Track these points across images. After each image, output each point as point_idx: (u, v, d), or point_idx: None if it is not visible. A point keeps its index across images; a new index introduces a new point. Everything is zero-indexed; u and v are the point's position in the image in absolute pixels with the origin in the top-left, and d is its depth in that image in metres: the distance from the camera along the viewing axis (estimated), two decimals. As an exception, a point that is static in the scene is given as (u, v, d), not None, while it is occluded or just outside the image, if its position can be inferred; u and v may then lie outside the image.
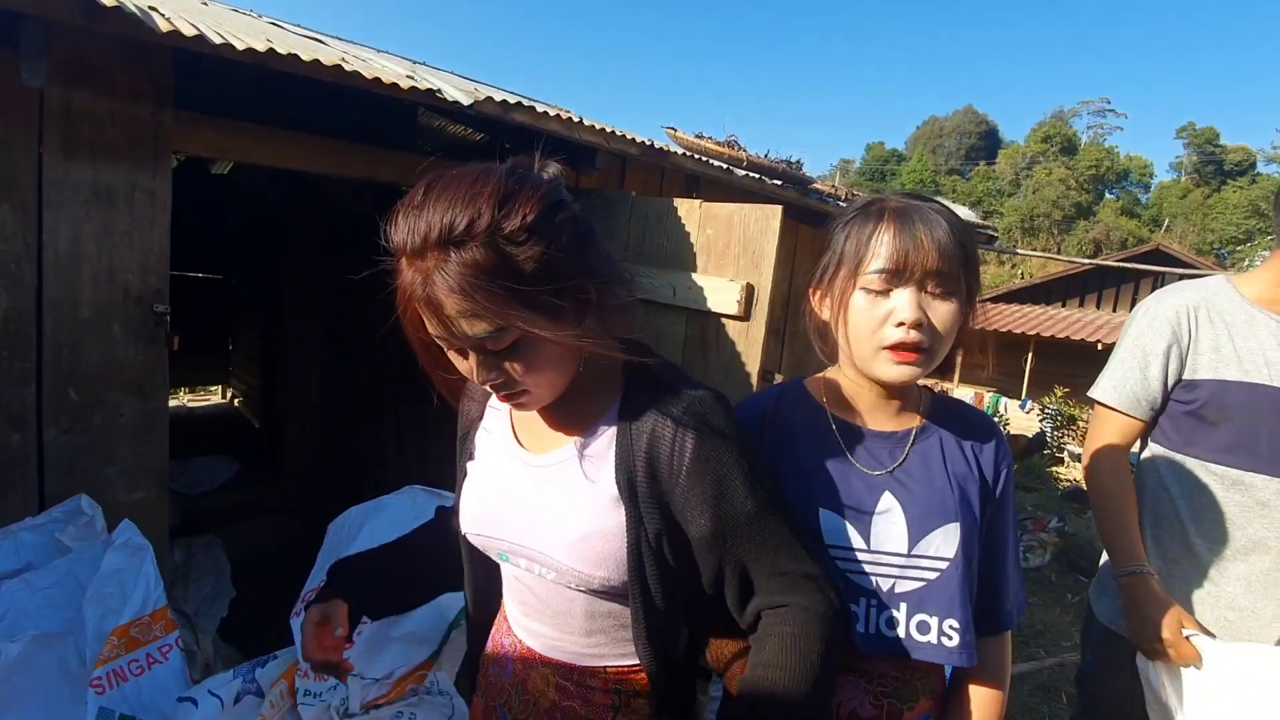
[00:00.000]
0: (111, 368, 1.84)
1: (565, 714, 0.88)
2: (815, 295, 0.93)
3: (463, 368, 0.76)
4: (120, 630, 1.40)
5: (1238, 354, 1.31)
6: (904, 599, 0.86)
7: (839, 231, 0.90)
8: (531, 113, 1.99)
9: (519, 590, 0.91)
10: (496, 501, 0.87)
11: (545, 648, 0.90)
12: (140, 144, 1.79)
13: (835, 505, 0.87)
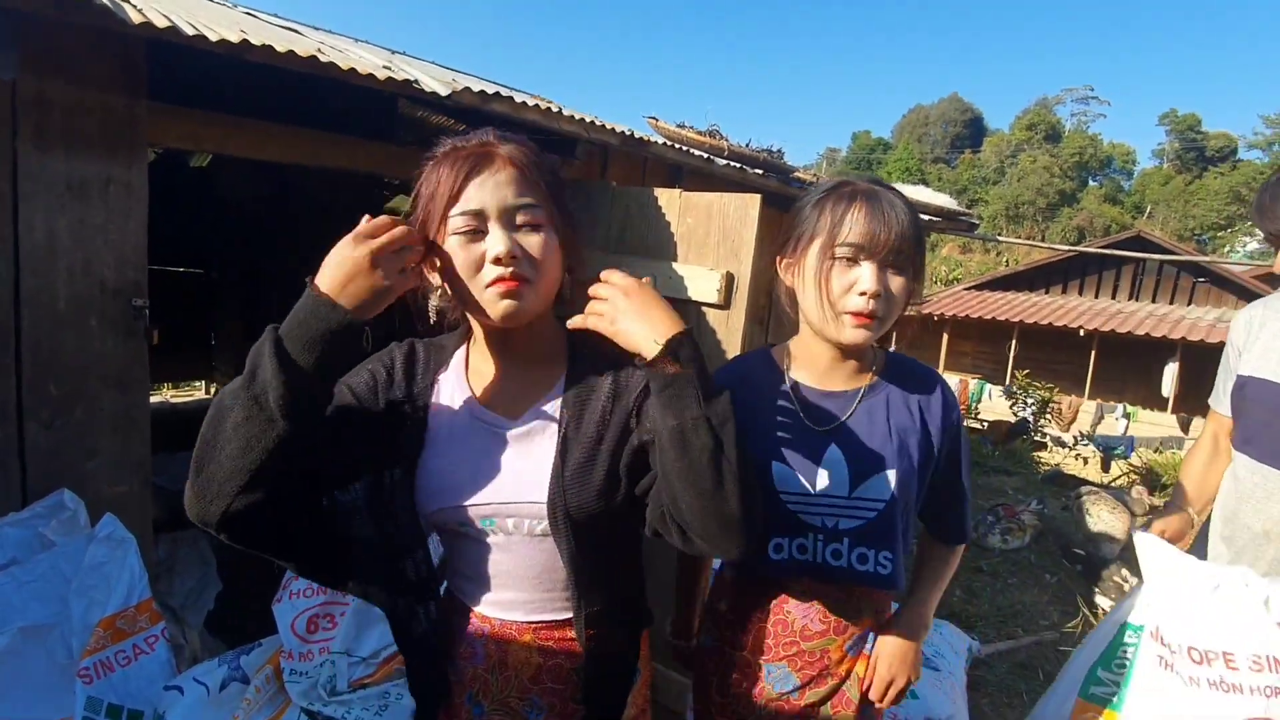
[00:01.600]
0: (91, 361, 1.84)
1: (551, 673, 0.94)
2: (783, 264, 1.04)
3: (473, 257, 0.83)
4: (106, 621, 1.41)
5: (1266, 354, 1.40)
6: (846, 535, 1.02)
7: (811, 208, 1.01)
8: (510, 103, 2.00)
9: (493, 565, 0.93)
10: (480, 468, 0.89)
11: (527, 613, 0.94)
12: (114, 135, 1.78)
13: (786, 457, 1.02)
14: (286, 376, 0.72)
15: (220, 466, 0.74)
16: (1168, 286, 14.48)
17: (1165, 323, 12.95)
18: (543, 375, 0.93)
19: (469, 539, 0.93)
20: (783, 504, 1.01)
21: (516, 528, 0.90)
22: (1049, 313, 14.25)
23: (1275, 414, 1.35)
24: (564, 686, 0.95)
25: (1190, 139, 47.39)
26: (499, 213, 0.83)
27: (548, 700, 0.95)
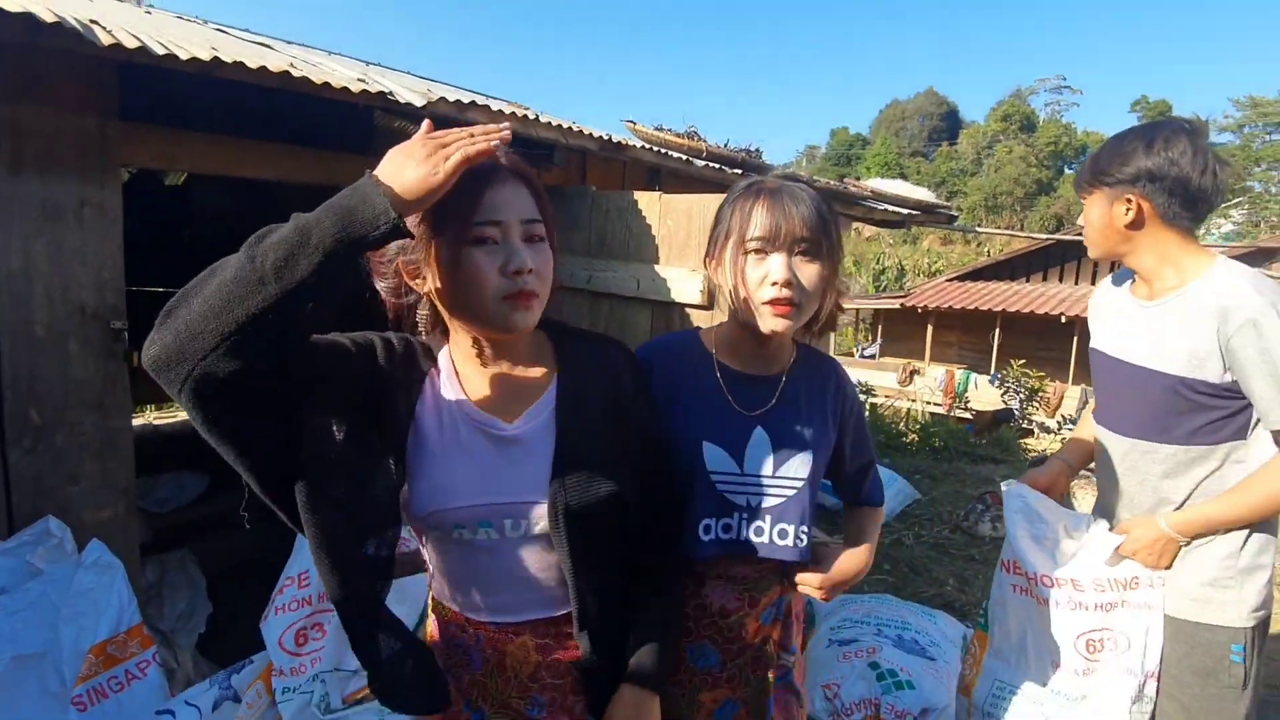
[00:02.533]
0: (71, 386, 1.82)
1: (550, 669, 0.94)
2: (710, 263, 1.10)
3: (492, 266, 0.83)
4: (97, 648, 1.40)
5: (1102, 323, 1.54)
6: (768, 512, 1.07)
7: (726, 208, 1.07)
8: (487, 111, 2.00)
9: (489, 569, 0.93)
10: (477, 470, 0.90)
11: (525, 613, 0.94)
12: (87, 157, 1.77)
13: (716, 438, 1.07)
14: (296, 242, 0.70)
15: (192, 315, 0.69)
16: (1145, 271, 14.67)
17: (1144, 306, 13.11)
18: (533, 378, 0.95)
19: (463, 544, 0.92)
20: (713, 484, 1.06)
21: (514, 529, 0.91)
22: (1030, 301, 14.41)
23: (1108, 381, 1.48)
24: (563, 681, 0.96)
25: (1161, 125, 48.05)
26: (518, 225, 0.84)
27: (548, 696, 0.95)
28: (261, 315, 0.69)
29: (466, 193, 0.80)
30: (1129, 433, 1.45)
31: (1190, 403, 1.35)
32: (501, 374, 0.93)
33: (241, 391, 0.72)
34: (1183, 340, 1.34)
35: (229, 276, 0.70)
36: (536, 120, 2.13)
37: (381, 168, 0.75)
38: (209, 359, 0.69)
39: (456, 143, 0.76)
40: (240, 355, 0.70)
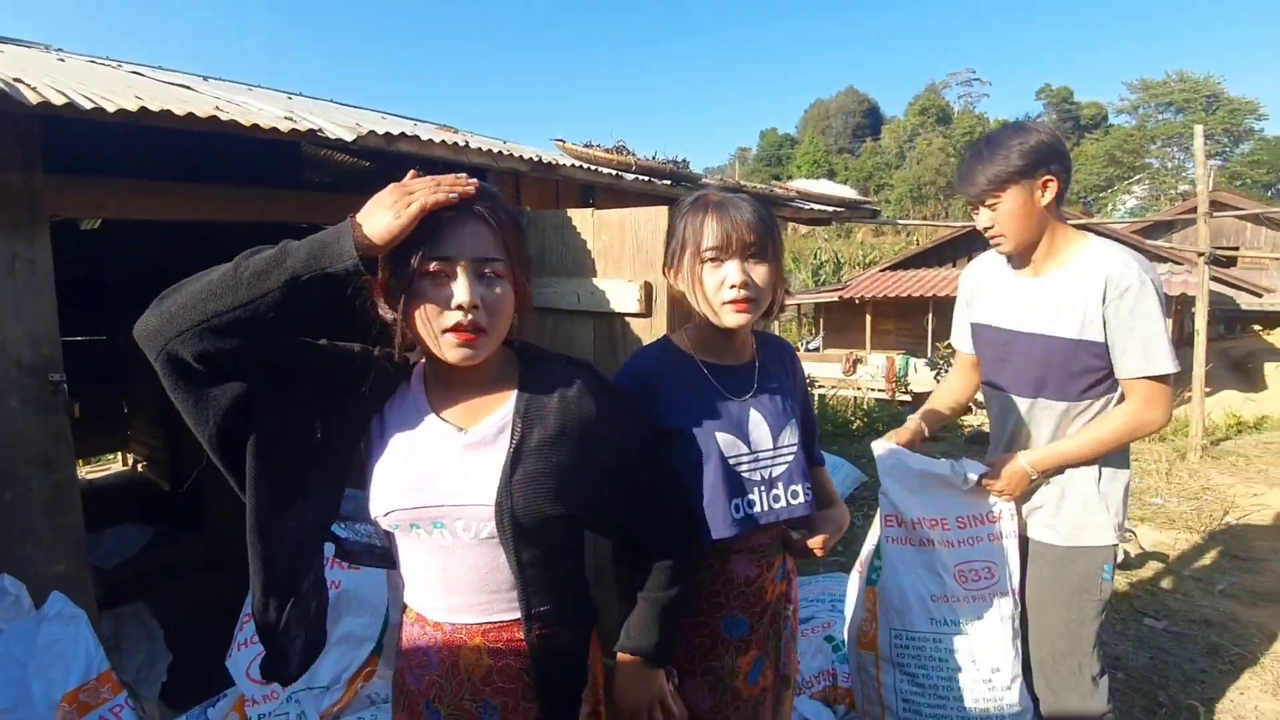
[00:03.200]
0: (16, 442, 1.81)
1: (501, 673, 1.01)
2: (670, 273, 1.24)
3: (439, 299, 0.92)
4: (69, 696, 1.41)
5: (986, 301, 1.78)
6: (779, 480, 1.24)
7: (679, 221, 1.21)
8: (416, 141, 2.07)
9: (442, 568, 0.99)
10: (433, 472, 0.97)
11: (476, 615, 1.00)
12: (14, 212, 1.76)
13: (724, 427, 1.21)
14: (273, 261, 0.83)
15: (175, 303, 0.84)
16: (1060, 248, 15.55)
17: (1061, 282, 13.90)
18: (495, 392, 1.02)
19: (420, 543, 0.99)
20: (733, 468, 1.19)
21: (465, 530, 0.97)
22: (956, 284, 15.10)
23: (1000, 350, 1.71)
24: (514, 686, 1.01)
25: (1065, 110, 51.13)
26: (469, 263, 0.92)
27: (500, 700, 1.01)
28: (228, 312, 0.82)
29: (424, 231, 0.88)
30: (1028, 393, 1.66)
31: (1083, 362, 1.57)
32: (465, 389, 1.02)
33: (202, 367, 0.86)
34: (1075, 308, 1.56)
35: (214, 278, 0.84)
36: (467, 147, 2.20)
37: (362, 212, 0.88)
38: (181, 338, 0.83)
39: (419, 191, 0.86)
40: (204, 340, 0.83)
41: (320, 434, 0.96)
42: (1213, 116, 36.92)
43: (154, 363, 0.86)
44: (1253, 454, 5.24)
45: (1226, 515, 4.14)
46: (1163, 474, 4.91)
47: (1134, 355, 1.52)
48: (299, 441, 0.95)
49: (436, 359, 0.97)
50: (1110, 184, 39.38)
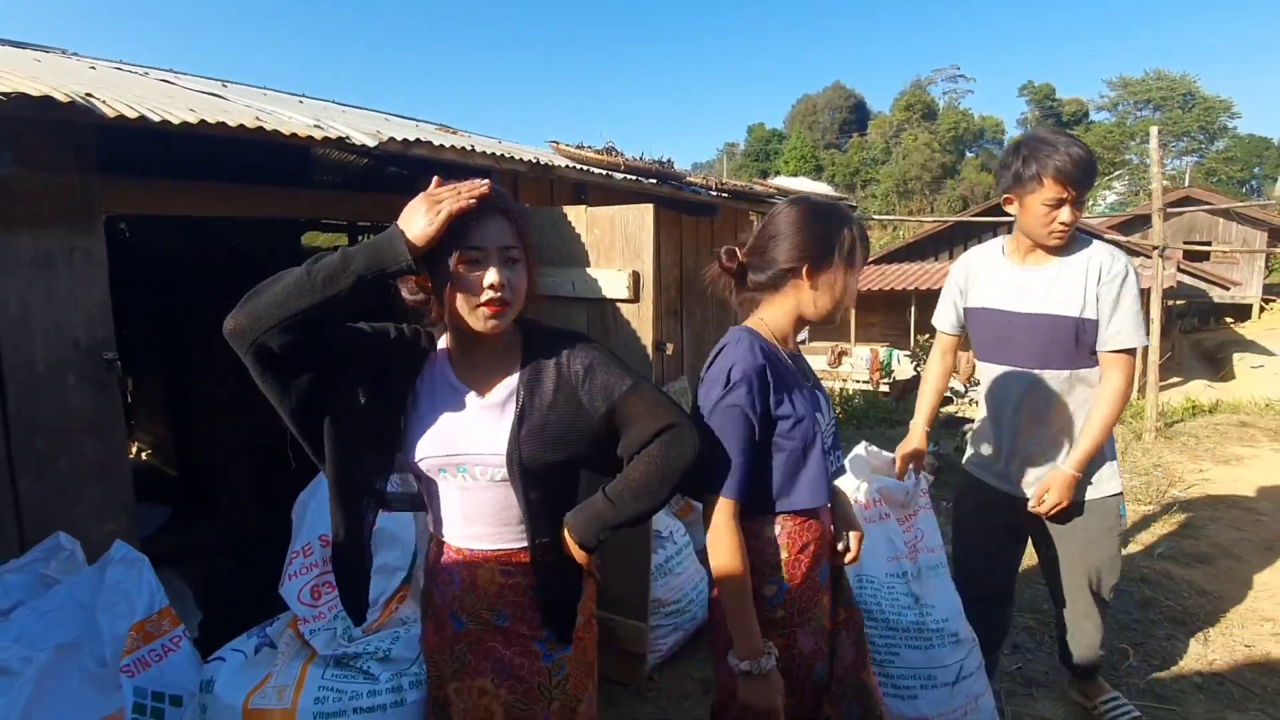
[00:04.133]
0: (71, 415, 2.02)
1: (511, 589, 1.25)
2: (820, 277, 1.40)
3: (476, 281, 1.13)
4: (136, 626, 1.64)
5: (983, 289, 2.09)
6: (835, 445, 1.47)
7: (836, 230, 1.40)
8: (429, 146, 2.30)
9: (463, 504, 1.23)
10: (457, 427, 1.21)
11: (489, 544, 1.24)
12: (73, 211, 1.97)
13: (815, 408, 1.40)
14: (339, 266, 1.05)
15: (261, 304, 1.05)
16: (1038, 243, 15.97)
17: (1039, 276, 14.31)
18: (504, 361, 1.24)
19: (446, 484, 1.23)
20: (821, 444, 1.37)
21: (481, 474, 1.21)
22: (939, 278, 15.46)
23: (1001, 330, 2.01)
24: (522, 599, 1.24)
25: (1047, 107, 51.74)
26: (496, 251, 1.14)
27: (511, 610, 1.24)
28: (308, 310, 1.04)
29: (462, 226, 1.11)
30: (1032, 365, 1.98)
31: (1080, 337, 1.91)
32: (482, 359, 1.24)
33: (286, 356, 1.07)
34: (1075, 291, 1.89)
35: (290, 282, 1.05)
36: (473, 151, 2.44)
37: (401, 219, 1.09)
38: (269, 333, 1.04)
39: (446, 200, 1.08)
40: (289, 333, 1.05)
41: (370, 404, 1.19)
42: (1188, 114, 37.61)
43: (244, 356, 1.07)
44: (1203, 435, 5.58)
45: (1171, 488, 4.46)
46: (1119, 453, 5.23)
47: (1115, 330, 1.87)
48: (358, 412, 1.19)
49: (463, 333, 1.20)
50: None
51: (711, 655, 2.69)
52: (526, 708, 1.22)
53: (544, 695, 1.23)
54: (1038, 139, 1.88)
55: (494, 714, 1.22)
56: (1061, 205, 1.84)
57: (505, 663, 1.23)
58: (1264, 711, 2.35)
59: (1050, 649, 2.73)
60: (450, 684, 1.25)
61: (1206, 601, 3.11)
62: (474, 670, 1.23)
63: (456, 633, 1.25)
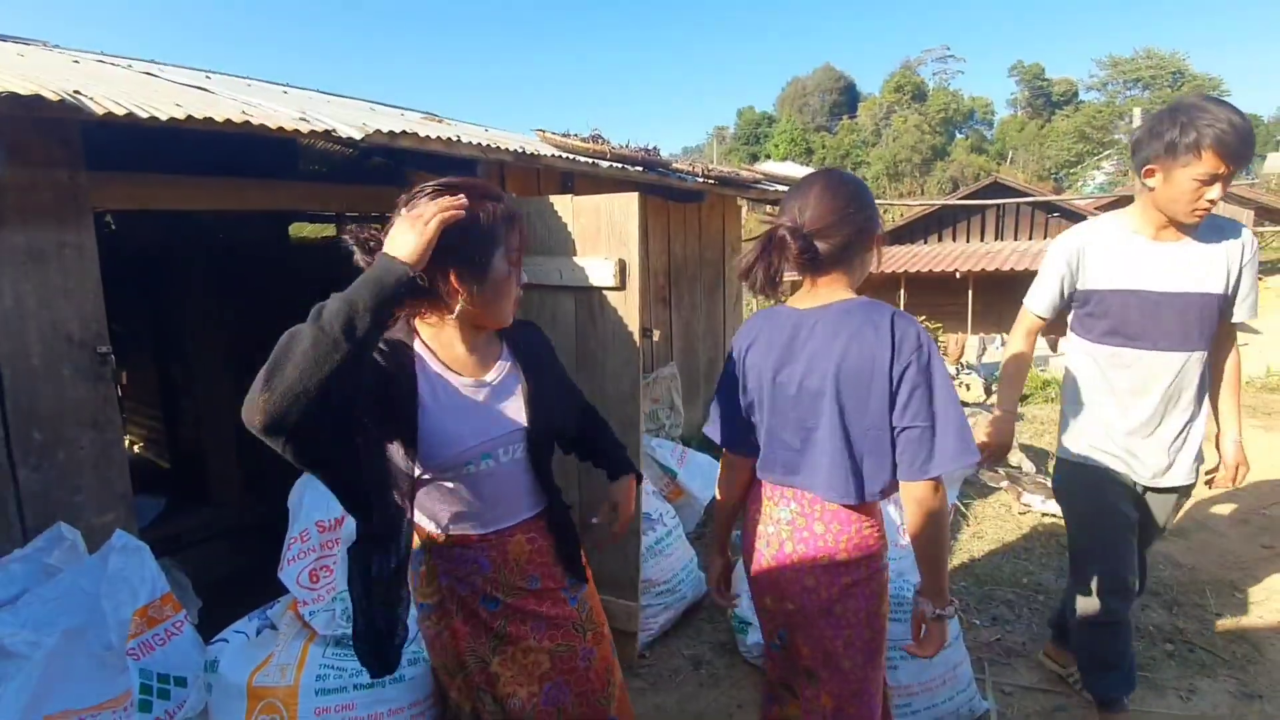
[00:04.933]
0: (67, 407, 2.06)
1: (538, 553, 1.35)
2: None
3: (510, 281, 1.25)
4: (140, 611, 1.69)
5: (1114, 269, 1.96)
6: None
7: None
8: (415, 138, 2.32)
9: (491, 489, 1.28)
10: (470, 419, 1.25)
11: (513, 519, 1.32)
12: (63, 206, 2.00)
13: None
14: (349, 312, 0.95)
15: (289, 379, 0.91)
16: (1026, 224, 16.07)
17: (1027, 256, 14.43)
18: (490, 347, 1.32)
19: (471, 477, 1.25)
20: None
21: (506, 454, 1.28)
22: (929, 260, 15.55)
23: (1146, 310, 1.89)
24: (546, 559, 1.36)
25: (1037, 87, 51.68)
26: (519, 254, 1.26)
27: (540, 571, 1.35)
28: (343, 365, 0.93)
29: (515, 235, 1.22)
30: (1177, 346, 1.89)
31: (1223, 315, 1.89)
32: (470, 348, 1.29)
33: (329, 429, 0.98)
34: (1219, 268, 1.84)
35: (307, 347, 0.93)
36: (459, 141, 2.46)
37: (387, 244, 1.05)
38: (309, 410, 0.92)
39: (427, 212, 1.07)
40: (325, 402, 0.93)
41: (389, 429, 1.16)
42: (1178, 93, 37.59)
43: (284, 448, 0.94)
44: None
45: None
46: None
47: (1246, 303, 1.91)
48: (379, 442, 1.16)
49: (468, 326, 1.25)
50: (1080, 159, 40.10)
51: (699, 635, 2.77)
52: (569, 647, 1.36)
53: (579, 631, 1.38)
54: (1197, 106, 1.68)
55: (542, 664, 1.33)
56: (1214, 182, 1.68)
57: (543, 617, 1.34)
58: (1232, 677, 2.45)
59: (1029, 620, 2.82)
60: (493, 660, 1.31)
61: (1181, 573, 3.21)
62: (516, 637, 1.31)
63: (492, 613, 1.31)
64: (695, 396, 4.86)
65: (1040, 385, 7.59)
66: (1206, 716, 2.25)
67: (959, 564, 3.33)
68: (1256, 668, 2.49)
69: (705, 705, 2.40)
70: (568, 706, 1.35)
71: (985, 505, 4.02)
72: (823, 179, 1.40)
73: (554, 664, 1.34)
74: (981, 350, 13.63)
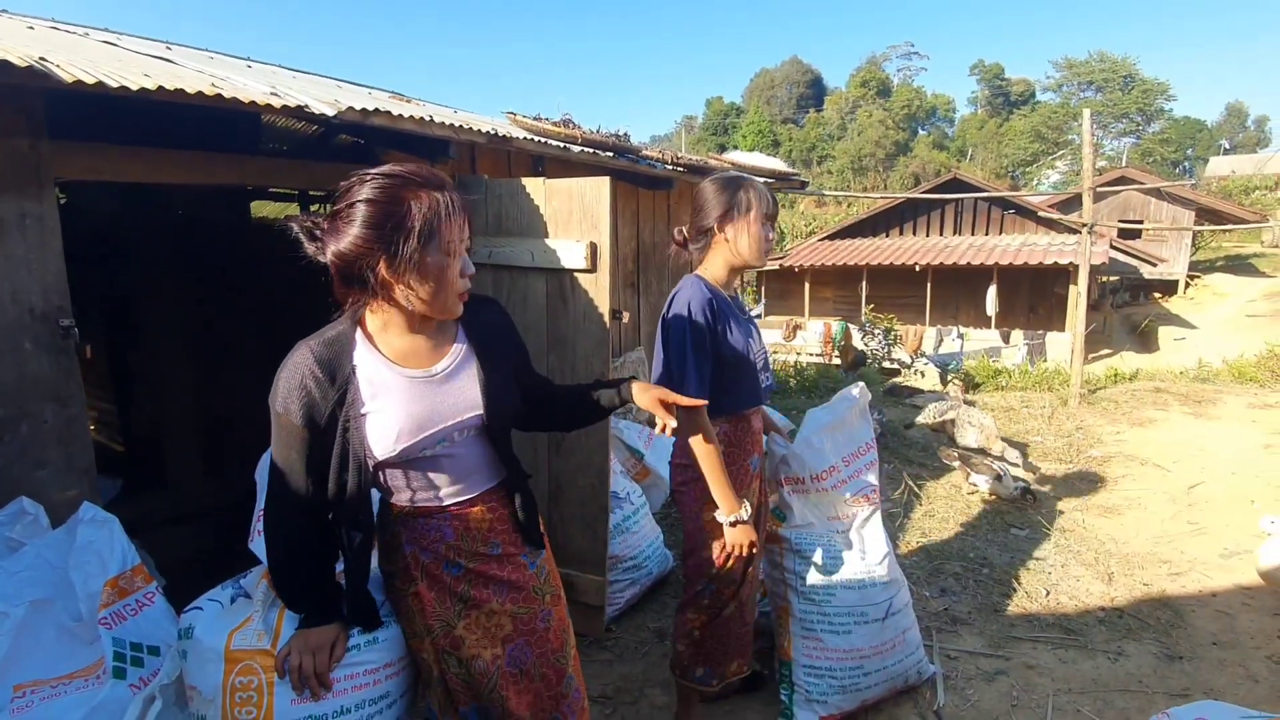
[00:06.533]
0: (29, 381, 2.03)
1: (499, 521, 1.40)
2: (729, 226, 1.87)
3: (451, 275, 1.22)
4: (110, 582, 1.69)
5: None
6: (766, 367, 1.99)
7: (740, 193, 1.87)
8: (388, 116, 2.33)
9: (448, 467, 1.33)
10: (421, 409, 1.27)
11: (474, 491, 1.37)
12: (23, 175, 1.95)
13: (750, 334, 1.93)
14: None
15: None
16: (982, 220, 16.56)
17: (983, 251, 14.88)
18: (443, 333, 1.33)
19: (430, 459, 1.30)
20: (753, 362, 1.91)
21: (459, 436, 1.32)
22: (890, 254, 15.90)
23: None
24: (506, 526, 1.41)
25: (997, 86, 52.97)
26: (462, 245, 1.24)
27: (501, 538, 1.40)
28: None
29: (459, 225, 1.21)
30: None
31: None
32: (420, 339, 1.29)
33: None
34: None
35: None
36: (432, 121, 2.47)
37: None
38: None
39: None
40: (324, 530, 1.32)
41: (345, 436, 1.25)
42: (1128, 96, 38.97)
43: None
44: (1122, 400, 6.01)
45: (1090, 448, 4.83)
46: (1045, 418, 5.61)
47: None
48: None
49: (410, 318, 1.26)
50: (1035, 159, 41.31)
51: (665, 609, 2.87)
52: (529, 609, 1.41)
53: (538, 594, 1.44)
54: None
55: (504, 627, 1.39)
56: None
57: (504, 581, 1.39)
58: (1156, 640, 2.64)
59: (974, 592, 2.99)
60: (458, 624, 1.36)
61: (1115, 547, 3.42)
62: (480, 600, 1.37)
63: (455, 577, 1.36)
64: (662, 381, 4.93)
65: (991, 374, 7.88)
66: (1133, 675, 2.43)
67: (911, 539, 3.49)
68: (1179, 632, 2.70)
69: (669, 674, 2.49)
70: (529, 666, 1.40)
71: (937, 485, 4.20)
72: (702, 182, 1.94)
73: (516, 626, 1.39)
74: (939, 341, 14.06)
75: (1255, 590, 2.98)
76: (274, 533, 1.31)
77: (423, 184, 1.18)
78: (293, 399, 1.21)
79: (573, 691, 1.46)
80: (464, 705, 1.39)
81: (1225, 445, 4.76)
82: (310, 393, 1.21)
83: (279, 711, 1.38)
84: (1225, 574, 3.14)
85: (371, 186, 1.16)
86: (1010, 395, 6.73)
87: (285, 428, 1.23)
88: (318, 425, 1.23)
